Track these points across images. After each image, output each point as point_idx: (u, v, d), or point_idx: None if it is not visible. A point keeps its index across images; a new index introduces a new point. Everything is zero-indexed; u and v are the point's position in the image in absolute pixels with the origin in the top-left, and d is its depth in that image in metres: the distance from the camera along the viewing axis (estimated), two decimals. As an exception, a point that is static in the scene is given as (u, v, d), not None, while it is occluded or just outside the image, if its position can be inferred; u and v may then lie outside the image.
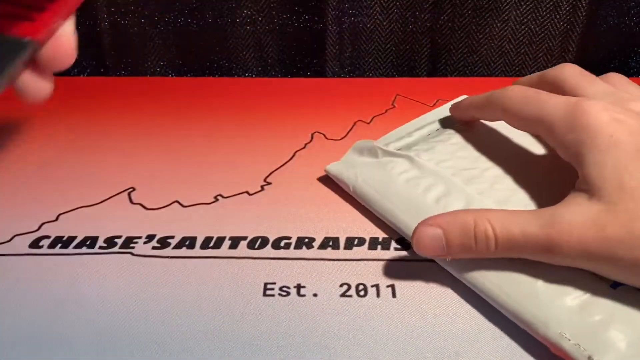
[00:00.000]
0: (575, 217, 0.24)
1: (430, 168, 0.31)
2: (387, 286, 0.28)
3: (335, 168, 0.34)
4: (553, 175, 0.30)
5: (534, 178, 0.31)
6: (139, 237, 0.30)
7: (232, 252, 0.29)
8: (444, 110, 0.37)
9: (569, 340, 0.23)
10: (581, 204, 0.24)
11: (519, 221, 0.25)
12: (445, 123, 0.36)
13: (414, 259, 0.29)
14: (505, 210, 0.26)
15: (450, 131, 0.35)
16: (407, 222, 0.29)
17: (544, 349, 0.24)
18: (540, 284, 0.25)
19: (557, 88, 0.29)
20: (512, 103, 0.29)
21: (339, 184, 0.34)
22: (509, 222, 0.25)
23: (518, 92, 0.29)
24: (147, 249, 0.30)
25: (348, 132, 0.39)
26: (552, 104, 0.27)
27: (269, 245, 0.30)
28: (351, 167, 0.33)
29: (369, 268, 0.28)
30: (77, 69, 0.49)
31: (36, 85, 0.25)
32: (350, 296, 0.27)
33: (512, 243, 0.25)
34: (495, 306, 0.26)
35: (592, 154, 0.25)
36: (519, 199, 0.29)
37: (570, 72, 0.30)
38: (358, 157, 0.34)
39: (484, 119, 0.34)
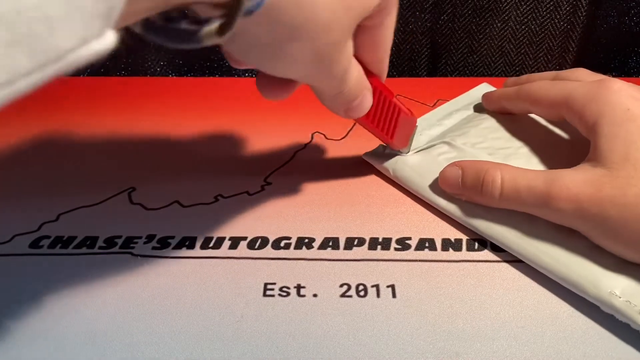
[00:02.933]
0: (577, 177, 0.26)
1: (468, 150, 0.33)
2: (387, 286, 0.27)
3: (374, 154, 0.35)
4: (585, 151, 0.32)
5: (568, 156, 0.32)
6: (139, 237, 0.30)
7: (232, 252, 0.29)
8: (468, 98, 0.40)
9: (620, 297, 0.24)
10: (586, 168, 0.26)
11: (528, 176, 0.28)
12: (472, 110, 0.38)
13: (414, 259, 0.29)
14: (520, 167, 0.29)
15: (480, 117, 0.36)
16: (447, 202, 0.31)
17: (544, 349, 0.24)
18: (585, 245, 0.26)
19: None
20: (539, 90, 0.31)
21: (378, 168, 0.35)
22: (519, 176, 0.28)
23: (546, 82, 0.32)
24: (147, 249, 0.30)
25: (348, 132, 0.39)
26: (576, 84, 0.30)
27: (269, 245, 0.30)
28: (389, 156, 0.35)
29: (369, 268, 0.28)
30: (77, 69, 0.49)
31: None
32: (350, 296, 0.27)
33: (516, 195, 0.28)
34: (541, 271, 0.27)
35: (608, 125, 0.27)
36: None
37: (584, 73, 0.32)
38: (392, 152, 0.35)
39: (512, 111, 0.35)
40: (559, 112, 0.31)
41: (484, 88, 0.41)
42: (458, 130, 0.35)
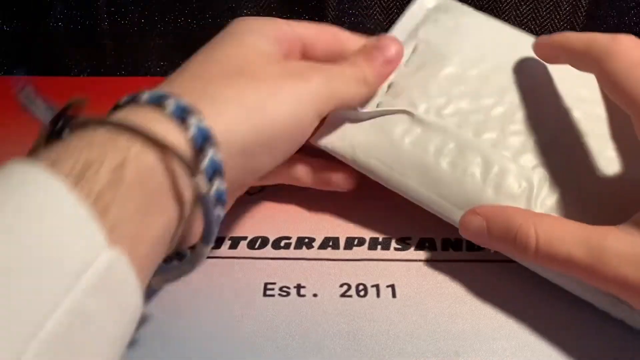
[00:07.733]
0: (627, 250, 0.22)
1: (432, 122, 0.28)
2: (387, 286, 0.28)
3: (327, 140, 0.29)
4: (571, 112, 0.28)
5: (545, 111, 0.28)
6: (139, 237, 0.30)
7: (232, 252, 0.29)
8: (411, 19, 0.32)
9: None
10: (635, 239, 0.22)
11: (567, 240, 0.23)
12: (421, 43, 0.31)
13: (413, 259, 0.29)
14: (555, 218, 0.25)
15: (435, 58, 0.30)
16: (428, 195, 0.28)
17: (543, 348, 0.24)
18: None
19: None
20: (617, 66, 0.24)
21: (337, 157, 0.30)
22: (556, 237, 0.24)
23: (630, 53, 0.24)
24: (147, 249, 0.30)
25: (348, 132, 0.39)
26: None
27: (269, 245, 0.30)
28: (343, 135, 0.29)
29: (369, 268, 0.28)
30: (77, 69, 0.49)
31: None
32: (350, 296, 0.27)
33: (553, 259, 0.24)
34: (535, 271, 0.27)
35: None
36: (535, 145, 0.28)
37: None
38: (345, 122, 0.29)
39: (576, 68, 0.27)
40: (628, 108, 0.24)
41: (425, 1, 0.33)
42: (412, 80, 0.30)
